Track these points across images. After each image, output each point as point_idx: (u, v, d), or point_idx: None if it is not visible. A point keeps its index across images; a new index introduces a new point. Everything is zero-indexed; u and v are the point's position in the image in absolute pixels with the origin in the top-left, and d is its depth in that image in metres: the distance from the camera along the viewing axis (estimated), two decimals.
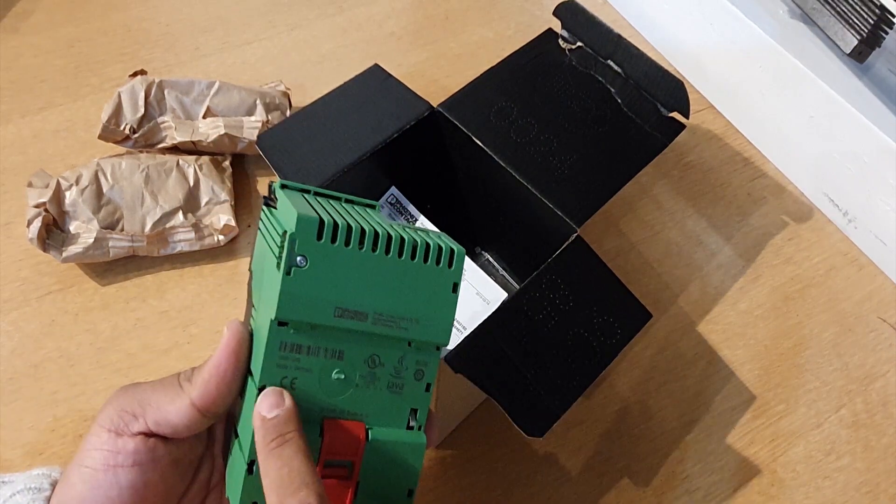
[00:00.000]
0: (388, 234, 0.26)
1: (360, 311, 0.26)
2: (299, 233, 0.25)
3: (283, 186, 0.27)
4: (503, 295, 0.38)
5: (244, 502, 0.26)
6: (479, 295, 0.38)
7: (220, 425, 0.30)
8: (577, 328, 0.35)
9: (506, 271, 0.49)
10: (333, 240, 0.25)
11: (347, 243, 0.25)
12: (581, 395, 0.34)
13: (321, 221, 0.25)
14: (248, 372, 0.27)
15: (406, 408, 0.28)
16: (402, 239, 0.26)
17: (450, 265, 0.27)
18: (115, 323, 0.47)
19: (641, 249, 0.54)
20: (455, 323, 0.37)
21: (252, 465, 0.26)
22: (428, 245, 0.27)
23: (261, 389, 0.25)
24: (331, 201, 0.28)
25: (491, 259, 0.49)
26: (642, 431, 0.46)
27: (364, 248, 0.26)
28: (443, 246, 0.27)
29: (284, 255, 0.24)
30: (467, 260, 0.39)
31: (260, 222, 0.28)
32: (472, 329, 0.34)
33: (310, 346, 0.26)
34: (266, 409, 0.25)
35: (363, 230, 0.26)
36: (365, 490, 0.27)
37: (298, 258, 0.25)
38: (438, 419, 0.30)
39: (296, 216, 0.24)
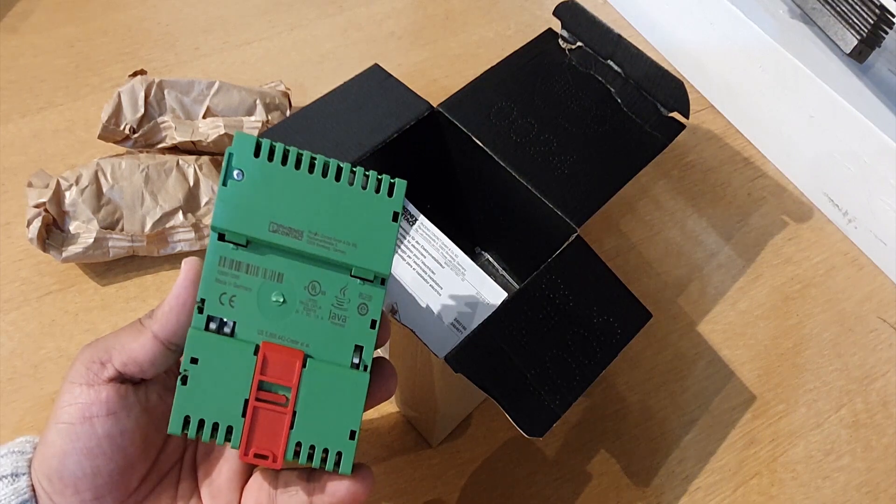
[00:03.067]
0: (326, 159, 0.27)
1: (295, 228, 0.27)
2: (236, 148, 0.26)
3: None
4: (503, 295, 0.38)
5: (177, 415, 0.26)
6: (479, 295, 0.38)
7: None
8: (577, 328, 0.35)
9: (506, 271, 0.49)
10: (270, 158, 0.27)
11: (284, 162, 0.27)
12: (581, 395, 0.34)
13: (258, 140, 0.27)
14: None
15: (350, 343, 0.28)
16: (340, 166, 0.27)
17: (389, 194, 0.28)
18: (115, 323, 0.47)
19: (641, 249, 0.54)
20: (455, 323, 0.37)
21: (185, 377, 0.26)
22: (367, 174, 0.28)
23: (199, 308, 0.26)
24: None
25: (491, 259, 0.49)
26: (642, 431, 0.46)
27: (301, 169, 0.27)
28: (382, 176, 0.28)
29: (223, 169, 0.26)
30: (467, 259, 0.39)
31: None
32: (472, 329, 0.34)
33: (249, 264, 0.27)
34: None
35: (300, 153, 0.27)
36: (303, 423, 0.27)
37: (235, 172, 0.26)
38: (395, 370, 0.30)
39: (235, 136, 0.27)
